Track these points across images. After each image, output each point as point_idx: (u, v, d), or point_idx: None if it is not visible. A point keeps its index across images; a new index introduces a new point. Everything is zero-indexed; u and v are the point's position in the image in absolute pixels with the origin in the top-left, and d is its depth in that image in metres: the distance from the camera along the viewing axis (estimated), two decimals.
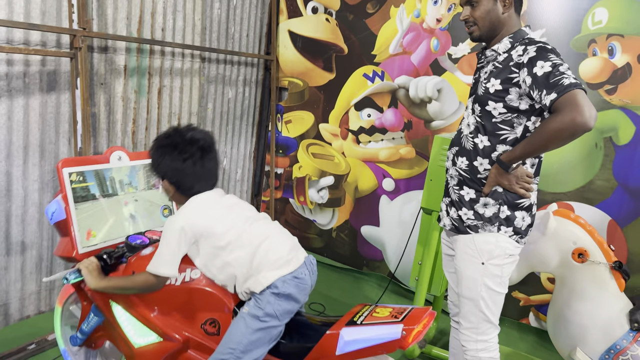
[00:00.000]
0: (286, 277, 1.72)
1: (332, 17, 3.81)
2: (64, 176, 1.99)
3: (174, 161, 1.76)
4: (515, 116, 1.86)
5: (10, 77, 2.50)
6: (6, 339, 2.64)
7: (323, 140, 4.00)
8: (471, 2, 1.94)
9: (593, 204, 2.98)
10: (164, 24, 3.22)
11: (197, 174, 1.79)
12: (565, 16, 2.91)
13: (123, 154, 2.24)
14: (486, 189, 1.93)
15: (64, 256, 2.05)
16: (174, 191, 1.83)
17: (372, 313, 1.71)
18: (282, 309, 1.71)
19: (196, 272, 1.83)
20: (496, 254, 1.95)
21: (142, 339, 1.91)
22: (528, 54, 1.78)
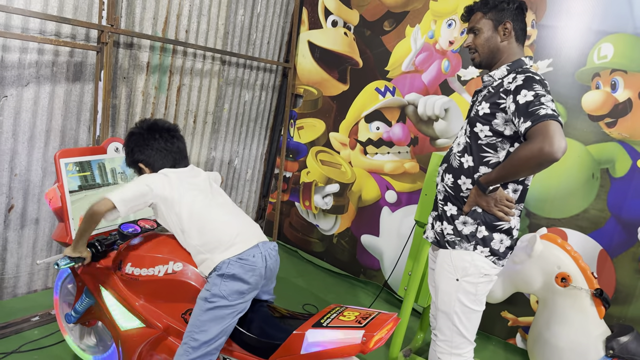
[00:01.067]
0: (230, 259, 1.84)
1: (350, 31, 3.95)
2: (61, 166, 2.09)
3: (147, 141, 1.98)
4: (499, 140, 1.92)
5: (40, 65, 2.67)
6: (13, 309, 2.80)
7: (332, 148, 4.13)
8: (474, 30, 2.06)
9: (586, 233, 3.05)
10: (189, 26, 3.39)
11: (168, 151, 2.00)
12: (572, 48, 3.00)
13: (120, 145, 2.31)
14: (466, 208, 2.00)
15: (60, 241, 2.17)
16: (149, 172, 2.00)
17: (339, 316, 1.79)
18: (229, 289, 1.81)
19: (179, 264, 1.94)
20: (470, 272, 1.99)
21: (127, 323, 2.03)
22: (516, 82, 1.85)
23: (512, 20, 2.00)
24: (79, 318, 2.27)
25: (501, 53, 2.03)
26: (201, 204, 1.94)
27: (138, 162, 2.01)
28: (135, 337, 1.99)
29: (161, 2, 3.15)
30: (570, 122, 3.02)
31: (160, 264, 1.96)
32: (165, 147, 2.00)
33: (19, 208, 2.81)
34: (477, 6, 2.06)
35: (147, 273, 1.97)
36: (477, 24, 2.04)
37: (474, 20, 2.06)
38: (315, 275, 4.12)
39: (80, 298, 2.22)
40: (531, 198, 3.17)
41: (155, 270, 1.95)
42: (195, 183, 2.01)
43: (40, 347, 2.57)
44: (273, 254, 1.99)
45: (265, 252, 1.95)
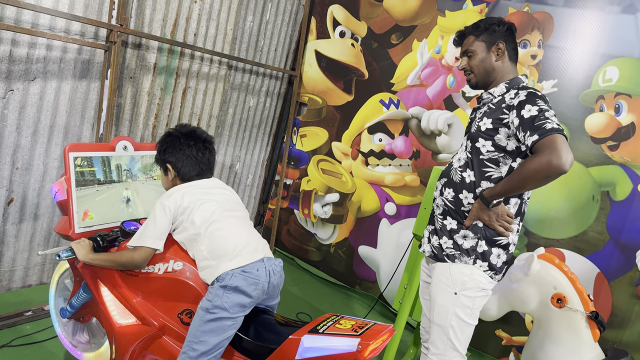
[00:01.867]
0: (234, 270, 1.83)
1: (357, 42, 3.97)
2: (70, 160, 2.10)
3: (181, 145, 2.05)
4: (501, 155, 1.96)
5: (48, 60, 2.69)
6: (6, 303, 2.80)
7: (334, 157, 4.14)
8: (467, 52, 2.11)
9: (584, 254, 3.04)
10: (197, 30, 3.41)
11: (197, 160, 2.06)
12: (577, 70, 3.01)
13: (129, 144, 2.34)
14: (467, 222, 2.02)
15: (62, 233, 2.17)
16: (174, 175, 2.07)
17: (335, 324, 1.79)
18: (231, 302, 1.80)
19: (179, 264, 1.95)
20: (469, 286, 2.01)
21: (123, 320, 2.02)
22: (519, 97, 1.90)
23: (504, 40, 2.06)
24: (74, 313, 2.26)
25: (496, 72, 2.08)
26: (215, 213, 1.95)
27: (167, 162, 2.07)
28: (130, 334, 1.99)
29: (171, 4, 3.17)
30: (572, 144, 3.02)
31: (161, 262, 1.96)
32: (196, 156, 2.06)
33: (19, 202, 2.82)
34: (468, 30, 2.12)
35: (147, 270, 1.97)
36: (470, 47, 2.09)
37: (467, 44, 2.11)
38: (310, 284, 4.11)
39: (77, 293, 2.22)
40: (530, 217, 3.17)
41: (155, 268, 1.96)
42: (213, 194, 2.04)
43: (31, 342, 2.56)
44: (277, 270, 1.98)
45: (270, 267, 1.94)
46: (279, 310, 3.44)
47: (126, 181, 2.34)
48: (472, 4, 3.37)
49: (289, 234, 4.46)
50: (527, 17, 3.17)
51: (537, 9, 3.13)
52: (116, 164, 2.31)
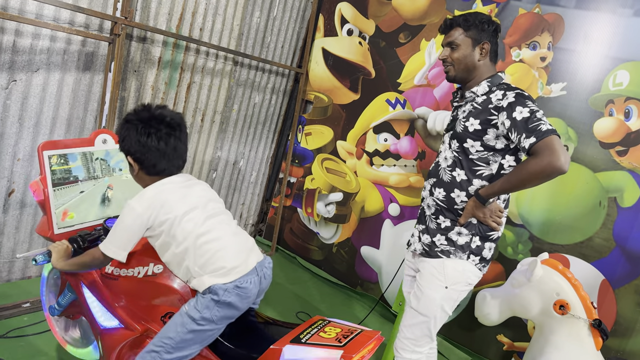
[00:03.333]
0: (228, 285, 1.70)
1: (365, 41, 3.93)
2: (44, 159, 1.98)
3: (139, 135, 1.71)
4: (491, 154, 2.00)
5: (51, 52, 2.68)
6: (4, 294, 2.79)
7: (338, 156, 4.10)
8: (452, 44, 2.11)
9: (589, 261, 2.99)
10: (203, 25, 3.39)
11: (160, 151, 1.73)
12: (587, 73, 2.96)
13: (109, 137, 2.22)
14: (462, 220, 2.06)
15: (42, 235, 2.09)
16: (138, 169, 1.78)
17: (320, 331, 1.72)
18: (220, 315, 1.71)
19: (159, 267, 1.87)
20: (459, 281, 2.10)
21: (107, 322, 1.99)
22: (507, 99, 1.92)
23: (489, 40, 2.08)
24: (62, 312, 2.24)
25: (476, 70, 2.09)
26: (199, 224, 1.74)
27: (127, 154, 1.78)
28: (114, 336, 1.94)
29: None
30: (580, 148, 2.97)
31: (141, 265, 1.89)
32: (159, 146, 1.72)
33: (19, 193, 2.81)
34: (457, 22, 2.10)
35: (127, 274, 1.91)
36: (456, 40, 2.09)
37: (453, 35, 2.10)
38: (311, 283, 4.08)
39: (63, 292, 2.19)
40: (535, 222, 3.12)
41: (135, 271, 1.89)
42: (191, 195, 1.80)
43: (27, 334, 2.56)
44: (268, 274, 1.88)
45: (262, 272, 1.83)
46: (279, 310, 3.43)
47: (107, 176, 2.22)
48: (482, 4, 3.32)
49: (292, 232, 4.43)
50: (537, 19, 3.12)
51: (548, 10, 3.08)
52: (95, 158, 2.18)
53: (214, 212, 1.83)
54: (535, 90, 3.12)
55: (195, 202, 1.78)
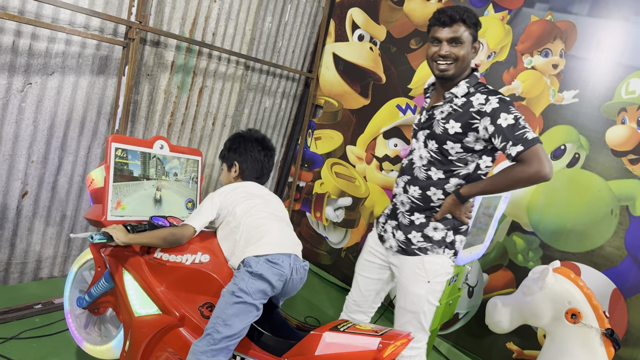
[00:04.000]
0: (260, 257, 1.88)
1: (376, 46, 3.94)
2: (111, 149, 2.20)
3: (252, 149, 2.27)
4: (469, 155, 2.04)
5: (66, 55, 2.70)
6: (17, 296, 2.81)
7: (348, 161, 4.11)
8: (457, 40, 1.98)
9: (600, 269, 2.97)
10: (216, 29, 3.41)
11: (261, 164, 2.28)
12: (599, 81, 2.95)
13: (165, 144, 2.44)
14: (439, 216, 2.11)
15: (93, 219, 2.23)
16: (237, 174, 2.27)
17: (355, 325, 1.80)
18: (254, 287, 1.83)
19: (206, 256, 2.00)
20: (440, 273, 2.15)
21: (143, 309, 2.05)
22: (491, 104, 1.93)
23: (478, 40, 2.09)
24: (91, 303, 2.27)
25: (465, 69, 2.07)
26: (255, 208, 2.07)
27: (235, 160, 2.27)
28: (149, 324, 2.01)
29: (191, 3, 3.17)
30: (592, 156, 2.96)
31: (189, 252, 2.01)
32: (262, 160, 2.28)
33: (33, 195, 2.83)
34: (462, 17, 1.97)
35: (175, 260, 2.01)
36: (462, 36, 1.98)
37: (458, 31, 1.97)
38: (320, 288, 4.08)
39: (97, 282, 2.24)
40: (546, 229, 3.11)
41: (183, 258, 2.00)
42: (258, 194, 2.17)
43: (40, 336, 2.57)
44: (301, 271, 2.02)
45: (295, 265, 1.98)
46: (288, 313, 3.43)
47: (158, 179, 2.42)
48: (494, 10, 3.33)
49: (300, 237, 4.43)
50: (549, 26, 3.11)
51: (560, 18, 3.08)
52: (152, 161, 2.38)
53: (274, 208, 2.14)
54: (547, 98, 3.11)
55: (261, 196, 2.17)
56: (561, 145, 3.08)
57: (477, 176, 2.08)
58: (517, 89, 3.22)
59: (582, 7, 3.01)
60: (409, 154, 2.23)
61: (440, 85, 2.12)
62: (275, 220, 2.07)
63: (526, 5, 3.21)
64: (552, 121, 3.11)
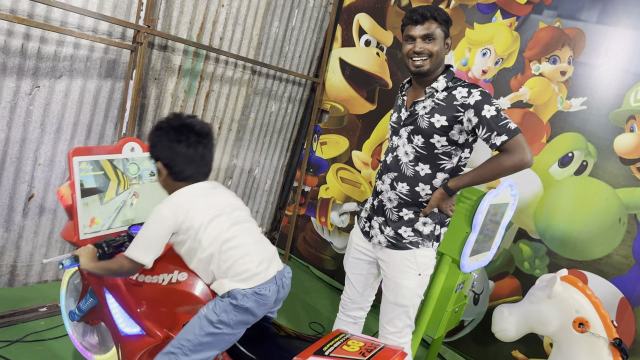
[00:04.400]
0: (247, 291, 1.73)
1: (382, 52, 3.94)
2: (74, 165, 2.02)
3: (170, 142, 1.79)
4: (453, 148, 2.13)
5: (74, 59, 2.71)
6: (21, 298, 2.81)
7: (353, 166, 4.10)
8: (430, 37, 2.10)
9: (607, 278, 2.95)
10: (223, 34, 3.42)
11: (189, 158, 1.80)
12: (608, 89, 2.94)
13: (136, 145, 2.25)
14: (427, 210, 2.18)
15: (68, 239, 2.12)
16: (166, 174, 1.82)
17: (343, 345, 1.70)
18: (237, 320, 1.73)
19: (183, 274, 1.89)
20: (429, 265, 2.26)
21: (128, 328, 1.99)
22: (474, 97, 2.03)
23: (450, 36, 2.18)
24: (82, 317, 2.25)
25: (440, 65, 2.17)
26: (224, 230, 1.78)
27: (157, 160, 1.84)
28: (135, 343, 1.95)
29: (199, 7, 3.18)
30: (600, 164, 2.95)
31: (165, 272, 1.91)
32: (187, 153, 1.79)
33: (39, 198, 2.83)
34: (433, 15, 2.09)
35: (151, 280, 1.93)
36: (434, 33, 2.10)
37: (430, 28, 2.10)
38: (324, 293, 4.07)
39: (84, 297, 2.20)
40: (553, 237, 3.09)
41: (159, 278, 1.91)
42: (215, 204, 1.83)
43: (44, 339, 2.57)
44: (287, 283, 1.90)
45: (280, 281, 1.86)
46: (291, 319, 3.42)
47: (133, 183, 2.25)
48: (502, 17, 3.32)
49: (305, 242, 4.43)
50: (557, 33, 3.10)
51: (569, 25, 3.07)
52: (122, 166, 2.22)
53: (239, 219, 1.86)
54: (555, 104, 3.10)
55: (221, 208, 1.82)
56: (569, 152, 3.06)
57: (458, 168, 2.19)
58: (525, 95, 3.21)
59: (591, 14, 3.00)
60: (390, 151, 2.28)
61: (417, 82, 2.22)
62: (252, 241, 1.84)
63: (534, 12, 3.20)
64: (559, 128, 3.09)
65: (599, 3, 2.98)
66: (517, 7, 3.27)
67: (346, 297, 2.56)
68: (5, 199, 2.71)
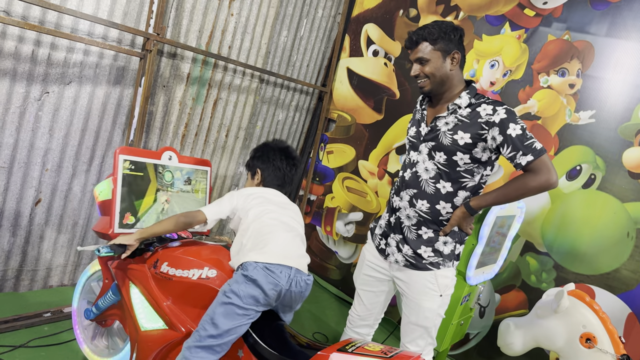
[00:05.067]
0: (258, 264, 1.88)
1: (390, 62, 3.94)
2: (119, 161, 2.18)
3: (274, 158, 2.31)
4: (476, 166, 2.07)
5: (84, 65, 2.73)
6: (26, 303, 2.81)
7: (360, 176, 4.10)
8: (421, 60, 2.09)
9: (615, 293, 2.92)
10: (232, 43, 3.43)
11: (283, 173, 2.32)
12: (617, 102, 2.92)
13: (174, 155, 2.43)
14: (447, 229, 2.12)
15: (100, 232, 2.22)
16: (259, 181, 2.32)
17: (364, 345, 1.74)
18: (246, 291, 1.83)
19: (213, 271, 1.97)
20: (450, 286, 2.21)
21: (149, 323, 2.04)
22: (499, 115, 1.97)
23: (458, 49, 2.09)
24: (98, 315, 2.26)
25: (449, 80, 2.11)
26: (269, 215, 2.08)
27: (257, 167, 2.32)
28: (155, 338, 1.99)
29: (208, 16, 3.20)
30: (608, 177, 2.93)
31: (196, 267, 1.99)
32: (282, 168, 2.31)
33: (46, 203, 2.84)
34: (423, 35, 2.07)
35: (182, 274, 2.00)
36: (424, 55, 2.07)
37: (421, 51, 2.08)
38: (328, 303, 4.05)
39: (104, 295, 2.23)
40: (561, 251, 3.07)
41: (190, 273, 1.98)
42: (275, 201, 2.19)
43: (48, 345, 2.56)
44: (302, 284, 1.99)
45: (295, 277, 1.95)
46: (295, 328, 3.39)
47: (167, 190, 2.40)
48: (510, 29, 3.32)
49: (310, 251, 4.42)
50: (566, 45, 3.10)
51: (578, 38, 3.06)
52: (160, 172, 2.37)
53: (286, 217, 2.13)
54: (563, 117, 3.09)
55: (276, 204, 2.18)
56: (577, 165, 3.04)
57: (479, 186, 2.13)
58: (533, 107, 3.20)
59: (601, 27, 3.00)
60: (409, 167, 2.22)
61: (436, 98, 2.18)
62: (285, 230, 2.06)
63: (543, 25, 3.20)
64: (567, 141, 3.08)
65: (608, 16, 2.97)
66: (526, 20, 3.27)
67: (354, 314, 2.48)
68: (13, 204, 2.72)
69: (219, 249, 2.15)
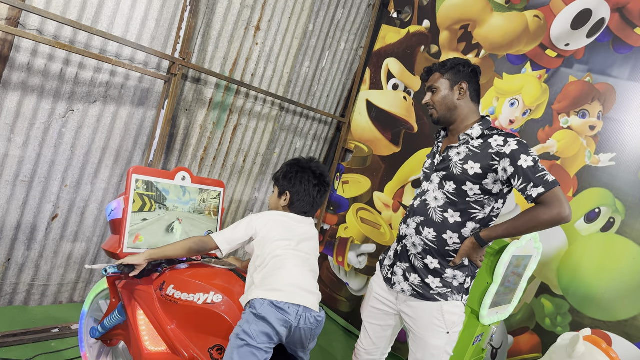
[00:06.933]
0: (266, 300, 1.83)
1: (410, 96, 3.97)
2: (132, 181, 2.18)
3: (307, 182, 2.14)
4: (487, 198, 2.05)
5: (110, 85, 2.79)
6: (35, 317, 2.82)
7: (374, 207, 4.08)
8: (432, 88, 2.20)
9: (633, 341, 2.83)
10: (255, 71, 3.49)
11: (313, 200, 2.15)
12: (638, 146, 2.90)
13: (187, 175, 2.42)
14: (457, 260, 2.09)
15: (109, 251, 2.21)
16: (286, 203, 2.16)
17: None
18: (257, 330, 1.78)
19: (219, 296, 1.94)
20: (458, 323, 2.13)
21: (153, 346, 2.01)
22: (510, 146, 1.97)
23: (467, 81, 2.15)
24: (103, 334, 2.25)
25: (458, 111, 2.16)
26: (281, 248, 2.00)
27: (286, 190, 2.16)
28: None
29: (233, 44, 3.27)
30: (628, 222, 2.87)
31: (202, 291, 1.97)
32: (311, 193, 2.14)
33: (62, 218, 2.87)
34: (435, 68, 2.21)
35: (187, 298, 1.97)
36: (435, 83, 2.19)
37: (432, 80, 2.20)
38: (337, 336, 3.98)
39: (110, 314, 2.22)
40: (577, 294, 3.00)
41: (195, 297, 1.96)
42: (295, 233, 2.08)
43: None
44: (312, 322, 1.91)
45: (305, 315, 1.88)
46: None
47: (178, 211, 2.39)
48: (532, 69, 3.33)
49: (321, 281, 4.37)
50: (587, 87, 3.10)
51: (599, 80, 3.06)
52: (173, 193, 2.36)
53: (301, 248, 2.05)
54: (583, 159, 3.06)
55: (293, 235, 2.07)
56: (596, 208, 3.00)
57: (489, 219, 2.10)
58: (552, 147, 3.19)
59: (623, 70, 2.99)
60: (419, 196, 2.22)
61: (450, 130, 2.23)
62: (298, 266, 1.98)
63: (565, 66, 3.21)
64: (587, 183, 3.04)
65: (631, 60, 2.97)
66: (548, 60, 3.28)
67: (361, 347, 2.43)
68: (30, 218, 2.75)
69: (226, 273, 2.13)
